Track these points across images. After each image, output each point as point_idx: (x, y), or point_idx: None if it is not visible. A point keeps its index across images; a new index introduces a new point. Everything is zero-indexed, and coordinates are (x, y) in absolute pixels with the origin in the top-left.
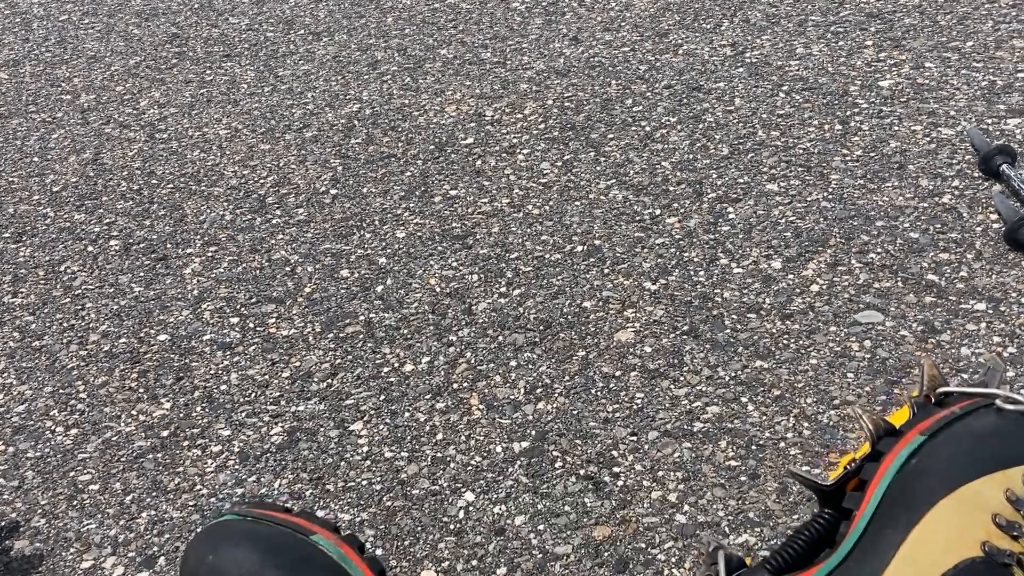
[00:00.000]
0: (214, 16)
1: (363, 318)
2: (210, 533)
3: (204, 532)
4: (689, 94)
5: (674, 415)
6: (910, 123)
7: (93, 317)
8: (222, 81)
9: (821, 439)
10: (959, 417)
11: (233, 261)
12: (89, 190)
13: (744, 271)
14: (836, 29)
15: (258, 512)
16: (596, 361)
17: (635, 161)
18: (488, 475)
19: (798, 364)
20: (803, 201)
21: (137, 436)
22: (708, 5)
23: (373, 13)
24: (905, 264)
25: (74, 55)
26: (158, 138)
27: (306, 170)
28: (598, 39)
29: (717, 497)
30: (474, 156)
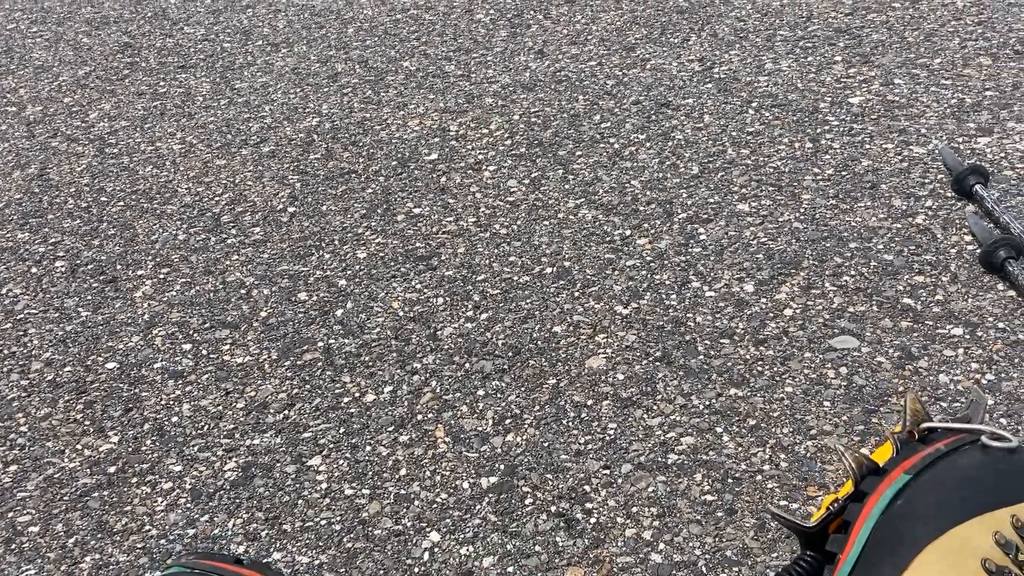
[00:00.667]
0: (168, 25)
1: (322, 344)
2: None
3: None
4: (658, 110)
5: (648, 446)
6: (881, 141)
7: (36, 344)
8: (176, 93)
9: (799, 471)
10: (944, 455)
11: (186, 283)
12: (34, 207)
13: (716, 294)
14: (805, 44)
15: (206, 564)
16: (567, 389)
17: (604, 179)
18: (455, 513)
19: (773, 392)
20: (775, 222)
21: (82, 472)
22: (675, 19)
23: (333, 24)
24: (880, 287)
25: (20, 65)
26: (108, 153)
27: (263, 187)
28: (564, 53)
29: (693, 534)
30: (438, 173)
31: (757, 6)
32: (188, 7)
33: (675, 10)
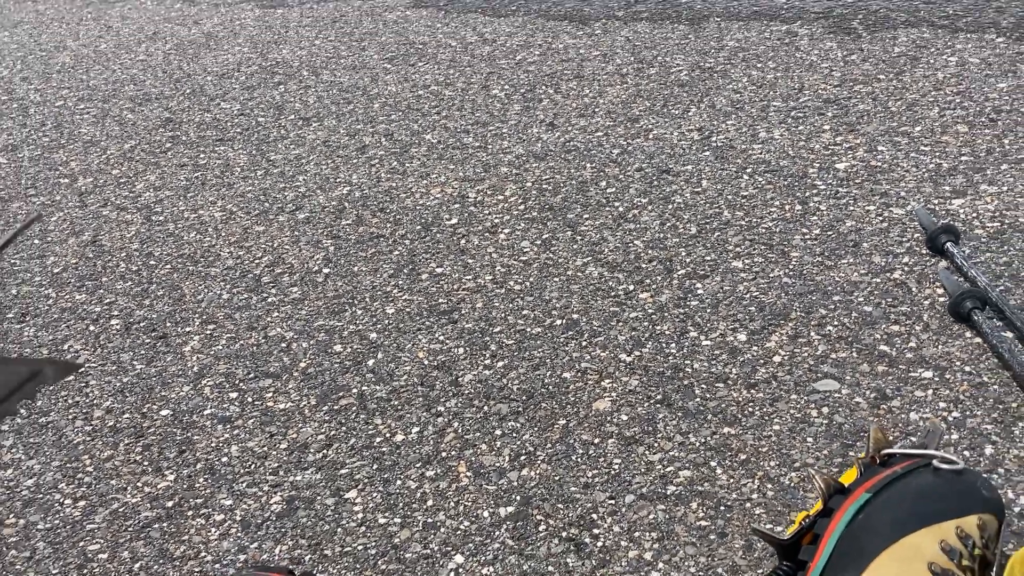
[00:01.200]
0: (206, 101)
1: (356, 391)
2: None
3: None
4: (659, 176)
5: (649, 479)
6: (864, 203)
7: (97, 394)
8: (216, 164)
9: (783, 499)
10: (901, 476)
11: (231, 338)
12: (89, 271)
13: (712, 343)
14: (796, 114)
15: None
16: (576, 429)
17: (609, 240)
18: (476, 538)
19: (762, 430)
20: (766, 277)
21: (143, 507)
22: (677, 92)
23: (360, 99)
24: (859, 336)
25: (71, 140)
26: (155, 220)
27: (299, 250)
28: (573, 124)
29: (689, 555)
30: (458, 235)
31: (752, 79)
32: (224, 84)
33: (676, 84)
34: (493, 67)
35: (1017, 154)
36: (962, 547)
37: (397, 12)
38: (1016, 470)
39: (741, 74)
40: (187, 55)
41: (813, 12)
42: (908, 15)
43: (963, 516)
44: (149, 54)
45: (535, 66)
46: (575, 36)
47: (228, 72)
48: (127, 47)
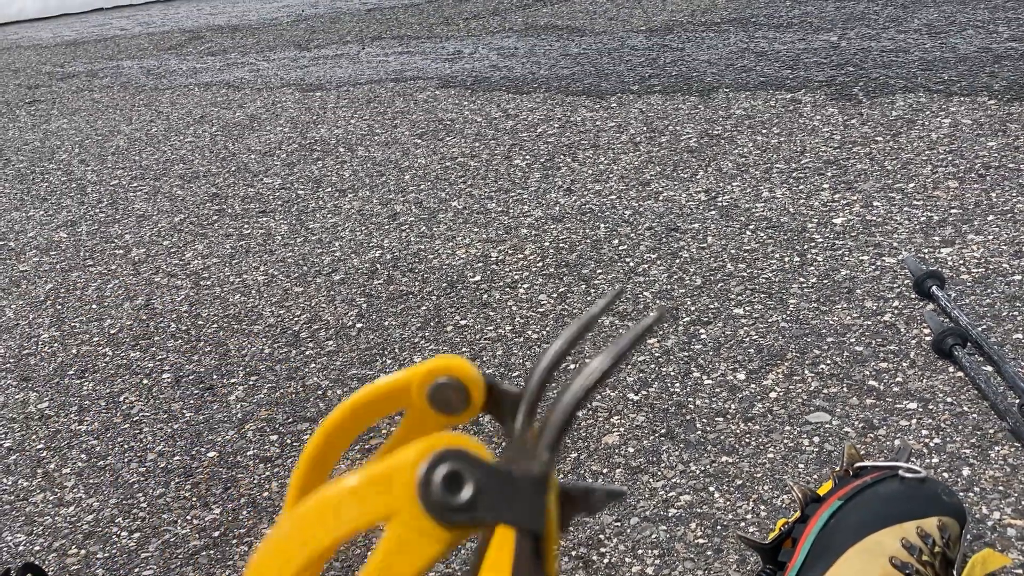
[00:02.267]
0: (250, 177)
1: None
2: None
3: None
4: (667, 234)
5: (652, 503)
6: (859, 254)
7: (150, 439)
8: (258, 234)
9: (775, 518)
10: (870, 485)
11: (272, 388)
12: (142, 331)
13: (713, 382)
14: (797, 175)
15: None
16: (586, 460)
17: None
18: None
19: (758, 458)
20: (765, 322)
21: (192, 536)
22: (686, 157)
23: (392, 172)
24: (850, 373)
25: (125, 215)
26: (202, 285)
27: (335, 308)
28: (589, 189)
29: (687, 569)
30: (481, 291)
31: (757, 144)
32: (266, 161)
33: (686, 150)
34: (515, 139)
35: (1003, 206)
36: (922, 544)
37: (427, 92)
38: (990, 488)
39: (747, 139)
40: (232, 136)
41: (817, 80)
42: (906, 81)
43: (924, 518)
44: (197, 136)
45: (554, 137)
46: (592, 109)
47: (270, 150)
48: (176, 130)
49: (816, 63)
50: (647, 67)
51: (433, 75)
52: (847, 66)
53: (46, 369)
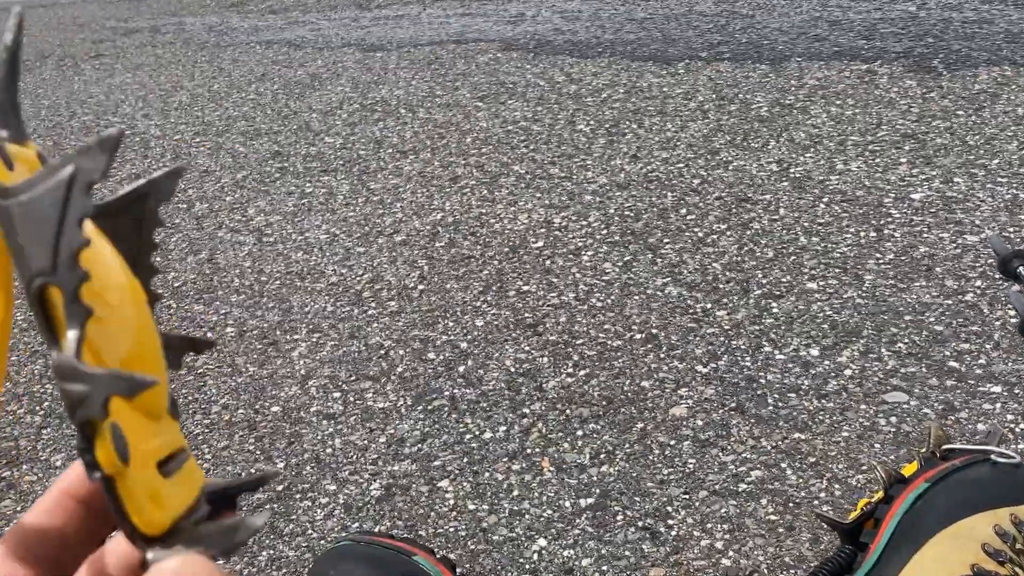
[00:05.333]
0: (311, 136)
1: (448, 393)
2: (330, 555)
3: (325, 555)
4: (738, 205)
5: (722, 478)
6: (938, 231)
7: (214, 392)
8: (320, 193)
9: (850, 499)
10: (959, 468)
11: (335, 345)
12: (206, 285)
13: (786, 357)
14: (873, 148)
15: (368, 538)
16: (653, 432)
17: (688, 262)
18: (558, 525)
19: (831, 436)
20: (839, 298)
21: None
22: (756, 127)
23: (453, 135)
24: (929, 352)
25: (188, 169)
26: (265, 241)
27: (397, 269)
28: (655, 156)
29: (758, 545)
30: (544, 257)
31: (831, 115)
32: (328, 120)
33: (756, 119)
34: (579, 104)
35: None
36: (1016, 532)
37: (489, 54)
38: None
39: (820, 110)
40: (293, 94)
41: (893, 52)
42: (990, 54)
43: (1018, 504)
44: (259, 93)
45: (619, 103)
46: (659, 75)
47: (331, 110)
48: (238, 87)
49: (893, 33)
50: (716, 33)
51: (495, 37)
52: (926, 37)
53: None
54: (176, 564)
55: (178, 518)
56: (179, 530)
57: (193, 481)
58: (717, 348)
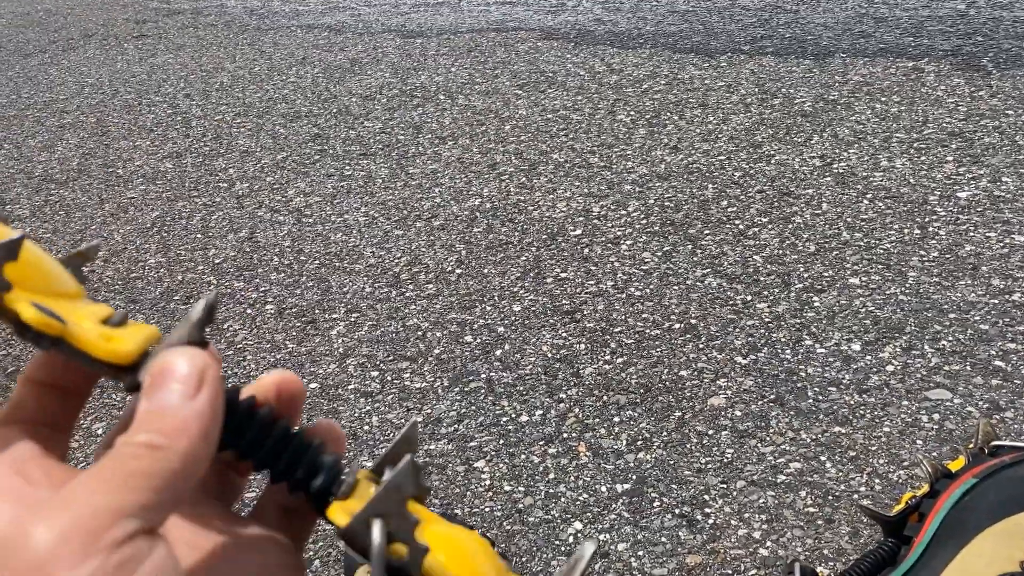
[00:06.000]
0: (351, 120)
1: (484, 376)
2: None
3: None
4: (780, 198)
5: (760, 468)
6: (985, 230)
7: (252, 366)
8: (359, 176)
9: (891, 494)
10: (1008, 465)
11: (372, 326)
12: (246, 263)
13: (827, 351)
14: (919, 145)
15: None
16: (691, 421)
17: (729, 254)
18: (594, 509)
19: (872, 431)
20: (882, 294)
21: None
22: (800, 121)
23: (493, 122)
24: (974, 351)
25: (229, 149)
26: (304, 222)
27: (435, 252)
28: (696, 148)
29: (796, 536)
30: (582, 245)
31: (876, 111)
32: (368, 105)
33: (800, 114)
34: (620, 94)
35: None
36: None
37: (529, 43)
38: None
39: (865, 106)
40: (334, 78)
41: (941, 49)
42: None
43: None
44: (299, 76)
45: (660, 94)
46: (700, 68)
47: (371, 94)
48: (279, 70)
49: (941, 31)
50: (759, 28)
51: (535, 26)
52: (975, 36)
53: (152, 293)
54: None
55: (146, 345)
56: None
57: (149, 329)
58: (757, 340)
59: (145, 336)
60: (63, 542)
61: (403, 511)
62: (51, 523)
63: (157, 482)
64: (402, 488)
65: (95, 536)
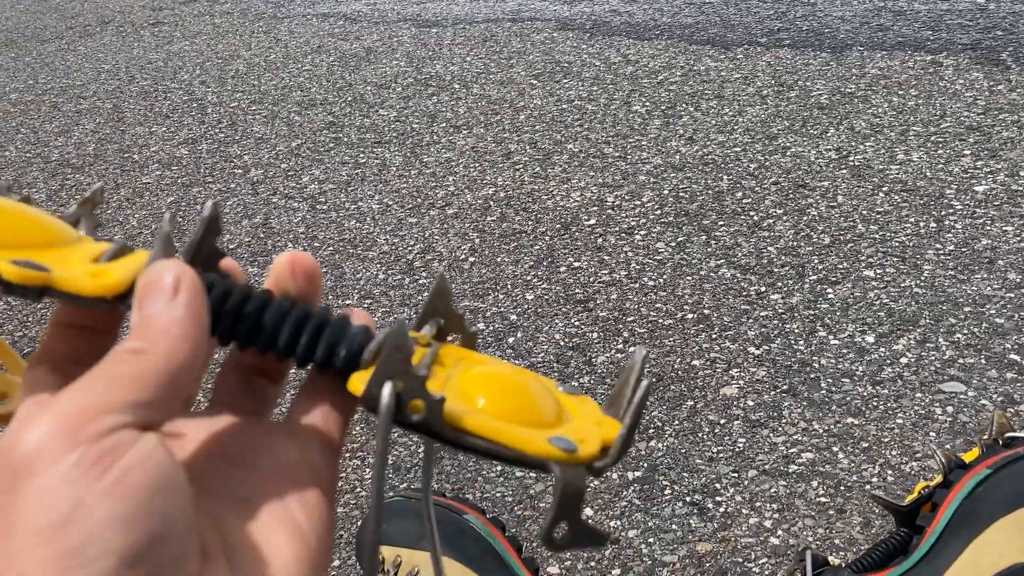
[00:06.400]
0: (366, 108)
1: None
2: None
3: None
4: (795, 190)
5: (772, 458)
6: (1002, 224)
7: None
8: (374, 164)
9: (903, 485)
10: (1022, 456)
11: (386, 312)
12: (260, 248)
13: (840, 343)
14: (936, 139)
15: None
16: (703, 410)
17: (743, 245)
18: (605, 496)
19: (885, 423)
20: (897, 287)
21: None
22: (816, 114)
23: (507, 111)
24: (989, 344)
25: (244, 136)
26: (319, 209)
27: (448, 240)
28: (712, 139)
29: (807, 526)
30: (596, 235)
31: (893, 104)
32: (382, 93)
33: (816, 106)
34: (635, 85)
35: None
36: None
37: (544, 33)
38: None
39: (882, 99)
40: (349, 67)
41: (960, 43)
42: None
43: None
44: (314, 65)
45: (676, 86)
46: (717, 59)
47: (386, 83)
48: (294, 58)
49: (960, 25)
50: (776, 20)
51: (551, 16)
52: (995, 30)
53: None
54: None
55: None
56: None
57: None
58: (770, 331)
59: (134, 264)
60: (48, 438)
61: (408, 368)
62: (38, 424)
63: (141, 382)
64: (401, 347)
65: (77, 430)
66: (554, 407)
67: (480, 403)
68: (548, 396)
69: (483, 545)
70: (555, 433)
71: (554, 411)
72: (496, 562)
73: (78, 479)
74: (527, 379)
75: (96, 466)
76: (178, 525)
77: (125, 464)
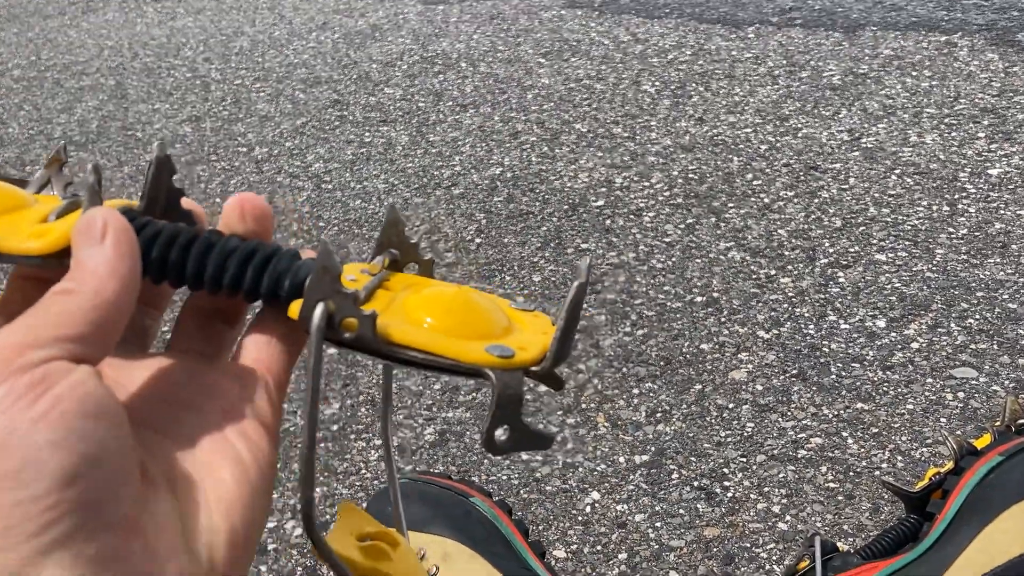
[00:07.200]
0: (371, 86)
1: None
2: (386, 493)
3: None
4: (806, 172)
5: (781, 443)
6: (1016, 208)
7: None
8: (379, 143)
9: (913, 471)
10: None
11: None
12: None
13: (851, 327)
14: (950, 121)
15: (427, 477)
16: (711, 394)
17: (753, 228)
18: (612, 480)
19: (896, 408)
20: (909, 271)
21: None
22: (828, 95)
23: (515, 90)
24: (1002, 330)
25: (248, 114)
26: (323, 188)
27: (454, 221)
28: (722, 120)
29: (816, 511)
30: (604, 216)
31: (907, 86)
32: (388, 71)
33: (828, 87)
34: (644, 64)
35: None
36: None
37: (552, 11)
38: None
39: (895, 80)
40: (354, 44)
41: (975, 24)
42: None
43: None
44: (319, 42)
45: (686, 65)
46: (727, 39)
47: (391, 61)
48: (299, 35)
49: (975, 5)
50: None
51: None
52: (1011, 10)
53: None
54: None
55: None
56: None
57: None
58: (780, 315)
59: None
60: None
61: (338, 288)
62: None
63: (69, 318)
64: (328, 268)
65: (6, 364)
66: (502, 321)
67: (427, 322)
68: (496, 311)
69: (489, 528)
70: (495, 343)
71: (501, 325)
72: (502, 545)
73: (9, 408)
74: (472, 296)
75: (26, 395)
76: (112, 448)
77: (57, 392)
